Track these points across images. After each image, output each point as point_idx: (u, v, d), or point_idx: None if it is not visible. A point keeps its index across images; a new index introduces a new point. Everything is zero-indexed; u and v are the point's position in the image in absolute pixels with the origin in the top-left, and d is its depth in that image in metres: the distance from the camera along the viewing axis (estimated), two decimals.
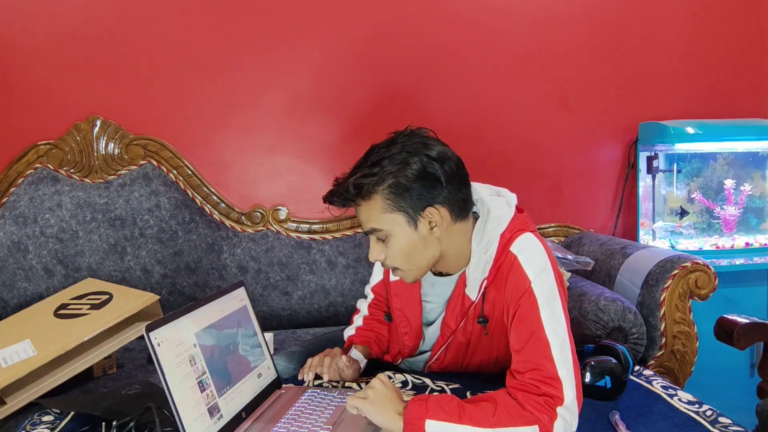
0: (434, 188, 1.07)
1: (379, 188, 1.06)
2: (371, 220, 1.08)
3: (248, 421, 1.02)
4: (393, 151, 1.07)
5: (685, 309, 1.70)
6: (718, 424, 1.03)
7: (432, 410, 0.94)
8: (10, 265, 1.90)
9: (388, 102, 2.15)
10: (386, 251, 1.10)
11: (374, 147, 1.10)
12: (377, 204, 1.07)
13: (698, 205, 2.21)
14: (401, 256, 1.10)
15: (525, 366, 1.00)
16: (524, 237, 1.09)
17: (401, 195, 1.06)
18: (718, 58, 2.38)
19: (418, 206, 1.07)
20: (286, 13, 2.08)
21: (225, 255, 2.03)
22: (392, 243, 1.09)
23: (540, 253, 1.07)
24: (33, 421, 1.10)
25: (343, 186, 1.08)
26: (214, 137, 2.10)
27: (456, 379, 1.21)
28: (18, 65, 1.98)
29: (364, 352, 1.30)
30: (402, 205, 1.06)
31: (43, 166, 1.98)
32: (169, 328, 0.92)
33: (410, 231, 1.08)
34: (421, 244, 1.09)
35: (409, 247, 1.09)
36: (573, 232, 2.29)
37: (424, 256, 1.10)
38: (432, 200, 1.07)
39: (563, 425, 0.95)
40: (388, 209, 1.07)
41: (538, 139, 2.28)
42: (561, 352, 0.99)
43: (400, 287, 1.25)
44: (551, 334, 1.00)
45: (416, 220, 1.08)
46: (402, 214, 1.07)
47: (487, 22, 2.20)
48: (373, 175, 1.06)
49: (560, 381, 0.97)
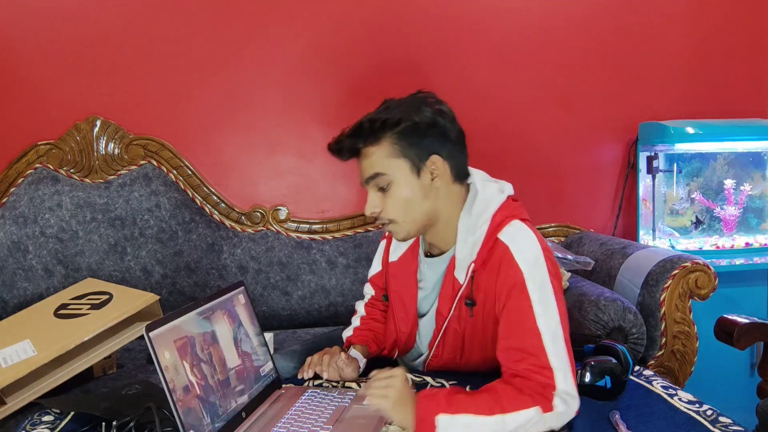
0: (441, 140, 1.11)
1: (390, 131, 1.09)
2: (375, 165, 1.10)
3: (248, 421, 1.02)
4: (406, 101, 1.13)
5: (685, 309, 1.70)
6: (719, 423, 1.03)
7: (442, 405, 0.96)
8: (10, 265, 1.90)
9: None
10: (384, 201, 1.12)
11: (388, 99, 1.16)
12: (384, 148, 1.10)
13: (698, 205, 2.21)
14: (399, 205, 1.11)
15: (516, 356, 1.01)
16: (514, 225, 1.10)
17: (409, 140, 1.09)
18: (718, 58, 2.38)
19: (424, 154, 1.10)
20: (286, 12, 2.08)
21: (225, 255, 2.03)
22: (392, 191, 1.11)
23: (532, 242, 1.08)
24: (33, 421, 1.10)
25: (356, 126, 1.11)
26: (214, 137, 2.10)
27: (455, 377, 1.21)
28: (18, 65, 1.98)
29: (362, 352, 1.31)
30: (408, 151, 1.09)
31: (43, 166, 1.98)
32: (169, 328, 0.92)
33: (412, 179, 1.11)
34: (420, 194, 1.11)
35: (410, 195, 1.11)
36: (573, 232, 2.29)
37: (421, 208, 1.12)
38: (437, 151, 1.11)
39: (562, 403, 0.97)
40: (394, 154, 1.10)
41: (538, 139, 2.28)
42: (553, 342, 1.00)
43: (398, 268, 1.28)
44: (543, 325, 1.01)
45: (420, 169, 1.10)
46: (407, 160, 1.10)
47: (487, 22, 2.20)
48: (386, 115, 1.10)
49: (551, 370, 0.98)
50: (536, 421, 0.96)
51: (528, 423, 0.96)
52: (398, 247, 1.29)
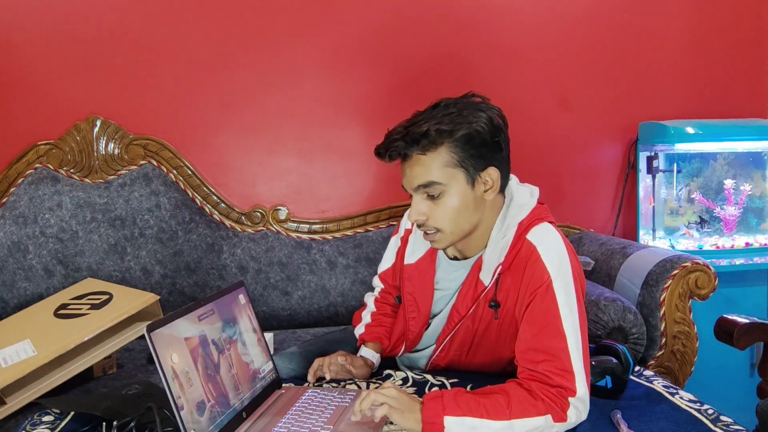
0: (496, 149, 1.08)
1: (449, 139, 1.05)
2: (429, 174, 1.06)
3: (248, 421, 1.02)
4: (461, 106, 1.07)
5: (685, 309, 1.70)
6: (720, 422, 1.03)
7: (449, 407, 0.94)
8: (10, 265, 1.90)
9: (388, 102, 2.15)
10: (433, 210, 1.08)
11: (440, 101, 1.10)
12: (441, 156, 1.05)
13: (698, 205, 2.21)
14: (449, 215, 1.08)
15: (539, 356, 1.00)
16: (543, 227, 1.09)
17: (467, 150, 1.05)
18: (718, 58, 2.38)
19: (480, 165, 1.07)
20: (285, 12, 2.08)
21: (225, 255, 2.03)
22: (444, 200, 1.07)
23: (559, 245, 1.07)
24: (33, 421, 1.10)
25: (416, 130, 1.05)
26: (214, 137, 2.10)
27: (455, 375, 1.21)
28: (18, 65, 1.98)
29: (375, 348, 1.31)
30: (465, 161, 1.05)
31: (43, 166, 1.98)
32: (169, 328, 0.92)
33: (467, 190, 1.07)
34: (472, 206, 1.08)
35: (461, 206, 1.07)
36: (573, 232, 2.29)
37: (469, 220, 1.09)
38: (492, 161, 1.08)
39: (575, 413, 0.97)
40: (451, 163, 1.06)
41: (538, 139, 2.28)
42: (576, 346, 0.99)
43: (414, 271, 1.25)
44: (569, 328, 1.00)
45: (474, 180, 1.07)
46: (462, 170, 1.06)
47: (487, 22, 2.20)
48: (447, 123, 1.05)
49: (574, 374, 0.97)
50: (544, 429, 0.96)
51: (536, 430, 0.95)
52: (416, 250, 1.26)
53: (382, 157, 1.10)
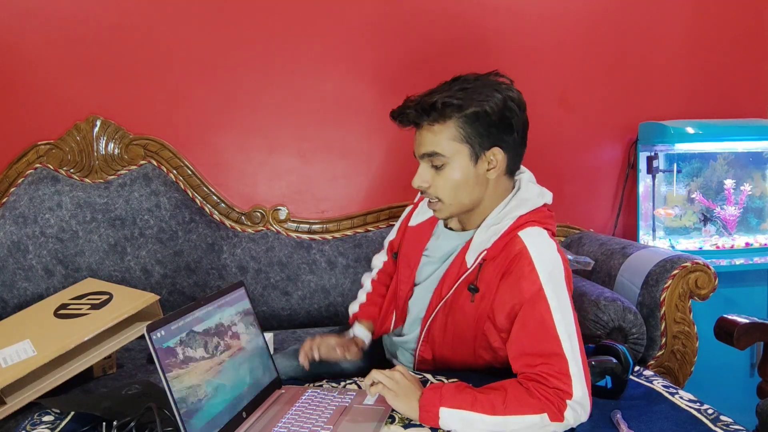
0: (506, 131, 1.10)
1: (458, 114, 1.07)
2: (435, 144, 1.09)
3: (248, 421, 1.02)
4: (479, 83, 1.10)
5: (685, 309, 1.70)
6: (720, 422, 1.03)
7: (446, 398, 0.97)
8: (10, 265, 1.90)
9: (387, 101, 2.14)
10: (435, 179, 1.12)
11: (461, 76, 1.13)
12: (449, 129, 1.09)
13: (698, 205, 2.21)
14: (450, 187, 1.11)
15: (535, 361, 1.01)
16: (537, 230, 1.10)
17: (475, 127, 1.08)
18: (719, 58, 2.38)
19: (486, 144, 1.09)
20: (285, 12, 2.08)
21: (225, 255, 2.03)
22: (446, 172, 1.10)
23: (551, 249, 1.07)
24: (33, 421, 1.10)
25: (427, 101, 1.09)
26: (214, 137, 2.10)
27: (455, 374, 1.21)
28: (18, 65, 1.98)
29: (368, 327, 1.33)
30: (472, 137, 1.08)
31: (43, 166, 1.98)
32: (170, 328, 0.92)
33: (469, 165, 1.10)
34: (473, 182, 1.11)
35: (461, 180, 1.10)
36: (573, 232, 2.29)
37: (469, 195, 1.12)
38: (499, 142, 1.10)
39: (573, 414, 0.97)
40: (457, 137, 1.09)
41: (538, 139, 2.26)
42: (572, 349, 1.00)
43: (412, 233, 1.29)
44: (563, 332, 1.00)
45: (478, 157, 1.10)
46: (468, 146, 1.09)
47: (486, 21, 2.20)
48: (458, 98, 1.07)
49: (570, 377, 0.98)
50: (539, 428, 0.96)
51: (531, 428, 0.96)
52: (420, 214, 1.30)
53: (395, 120, 1.15)
